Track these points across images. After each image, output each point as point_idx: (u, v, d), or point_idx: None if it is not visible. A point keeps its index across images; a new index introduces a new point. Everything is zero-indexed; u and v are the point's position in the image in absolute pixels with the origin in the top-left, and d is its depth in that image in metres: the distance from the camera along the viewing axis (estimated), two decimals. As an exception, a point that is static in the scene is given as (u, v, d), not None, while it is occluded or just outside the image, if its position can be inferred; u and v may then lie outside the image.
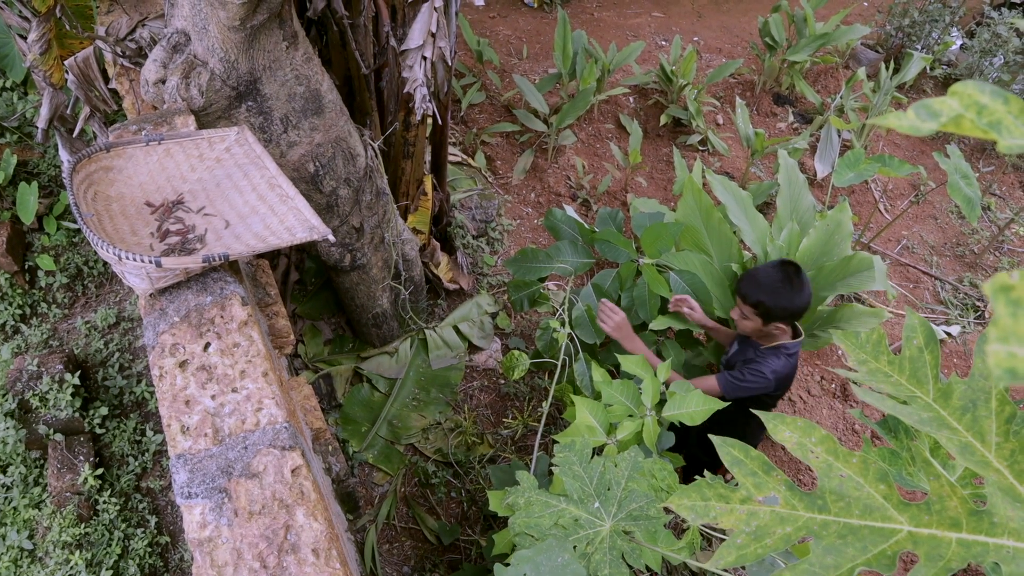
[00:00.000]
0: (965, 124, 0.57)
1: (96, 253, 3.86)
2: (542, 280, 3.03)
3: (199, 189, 2.00)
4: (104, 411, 3.26)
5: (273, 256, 3.45)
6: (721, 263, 2.88)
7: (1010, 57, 5.32)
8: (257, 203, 2.01)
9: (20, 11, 2.36)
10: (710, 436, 1.20)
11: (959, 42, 5.93)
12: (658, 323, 2.78)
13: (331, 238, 1.82)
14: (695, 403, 2.06)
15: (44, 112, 2.50)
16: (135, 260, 1.50)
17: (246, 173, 2.02)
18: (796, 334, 2.52)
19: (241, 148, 2.04)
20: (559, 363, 2.59)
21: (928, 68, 5.74)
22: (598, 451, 2.04)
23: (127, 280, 1.64)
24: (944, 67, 5.79)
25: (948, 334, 4.19)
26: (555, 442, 1.94)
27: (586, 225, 3.03)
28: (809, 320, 2.96)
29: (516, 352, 2.61)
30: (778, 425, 1.09)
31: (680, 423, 2.09)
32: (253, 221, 1.95)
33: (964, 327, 4.24)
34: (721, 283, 2.84)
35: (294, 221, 1.95)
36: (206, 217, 1.95)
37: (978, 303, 4.39)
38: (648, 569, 1.63)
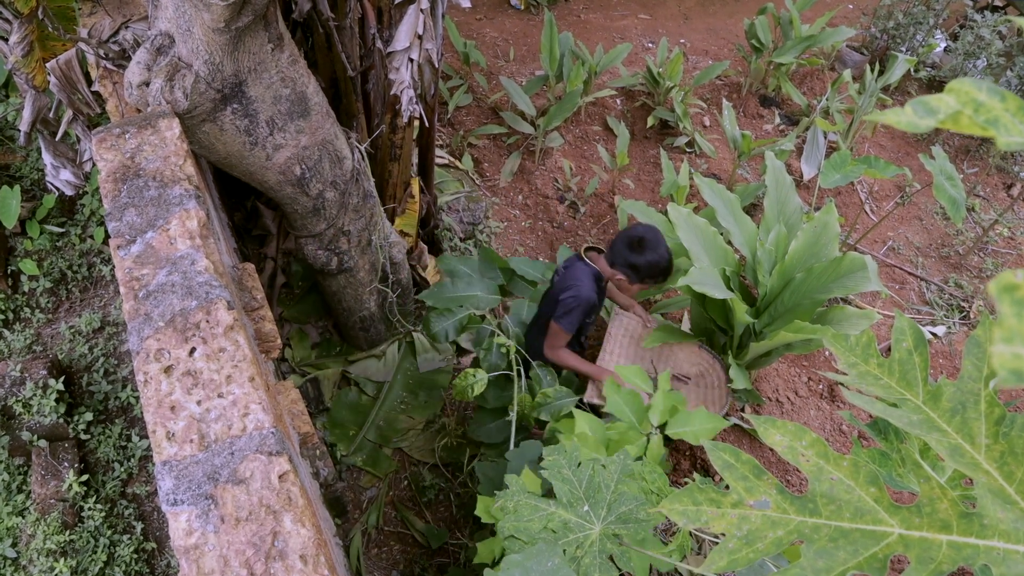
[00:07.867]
0: (963, 121, 0.56)
1: (80, 256, 3.82)
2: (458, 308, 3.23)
3: None
4: (89, 417, 3.22)
5: (259, 260, 3.43)
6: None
7: (993, 59, 5.36)
8: None
9: (1, 12, 2.32)
10: (703, 442, 1.19)
11: (943, 44, 5.97)
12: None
13: None
14: (699, 421, 2.00)
15: (26, 115, 2.47)
16: None
17: None
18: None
19: None
20: (514, 373, 2.73)
21: (912, 70, 5.78)
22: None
23: None
24: (928, 69, 5.83)
25: (934, 334, 4.22)
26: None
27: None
28: (805, 317, 2.92)
29: (470, 370, 2.63)
30: (769, 429, 1.09)
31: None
32: None
33: (950, 328, 4.27)
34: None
35: None
36: None
37: (963, 304, 4.42)
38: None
